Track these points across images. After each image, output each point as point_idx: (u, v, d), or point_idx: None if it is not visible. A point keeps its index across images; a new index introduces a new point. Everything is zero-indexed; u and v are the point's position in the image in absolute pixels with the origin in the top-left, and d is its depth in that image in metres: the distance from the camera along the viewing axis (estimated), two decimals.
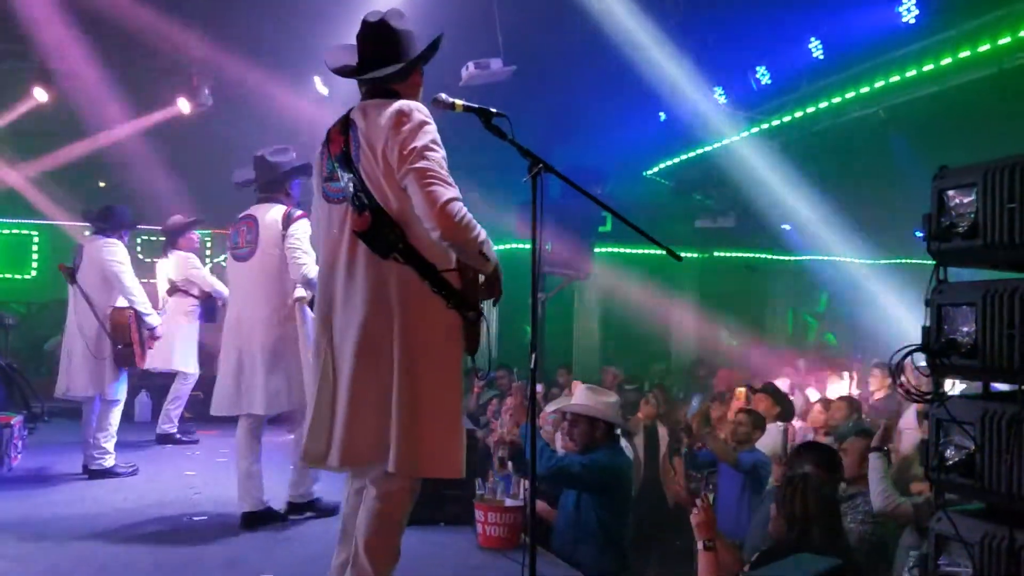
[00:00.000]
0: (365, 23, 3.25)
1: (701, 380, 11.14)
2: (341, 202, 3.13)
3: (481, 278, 3.15)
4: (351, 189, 3.05)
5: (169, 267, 8.03)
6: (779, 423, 6.31)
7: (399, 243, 2.98)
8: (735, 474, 5.44)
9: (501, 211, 9.32)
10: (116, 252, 6.45)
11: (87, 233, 6.72)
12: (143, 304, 6.47)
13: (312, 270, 4.70)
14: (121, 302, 6.44)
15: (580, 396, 4.97)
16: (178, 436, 7.85)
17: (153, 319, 6.58)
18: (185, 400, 8.01)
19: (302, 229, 4.85)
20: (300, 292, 4.93)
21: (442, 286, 3.02)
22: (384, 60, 3.20)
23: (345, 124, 3.17)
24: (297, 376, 4.91)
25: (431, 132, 3.03)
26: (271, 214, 4.99)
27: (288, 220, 4.92)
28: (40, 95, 9.59)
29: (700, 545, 3.58)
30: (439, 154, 3.01)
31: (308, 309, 4.79)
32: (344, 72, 3.30)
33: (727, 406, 7.06)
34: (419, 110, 3.06)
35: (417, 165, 2.93)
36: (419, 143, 2.97)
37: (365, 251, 3.03)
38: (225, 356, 5.06)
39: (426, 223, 2.94)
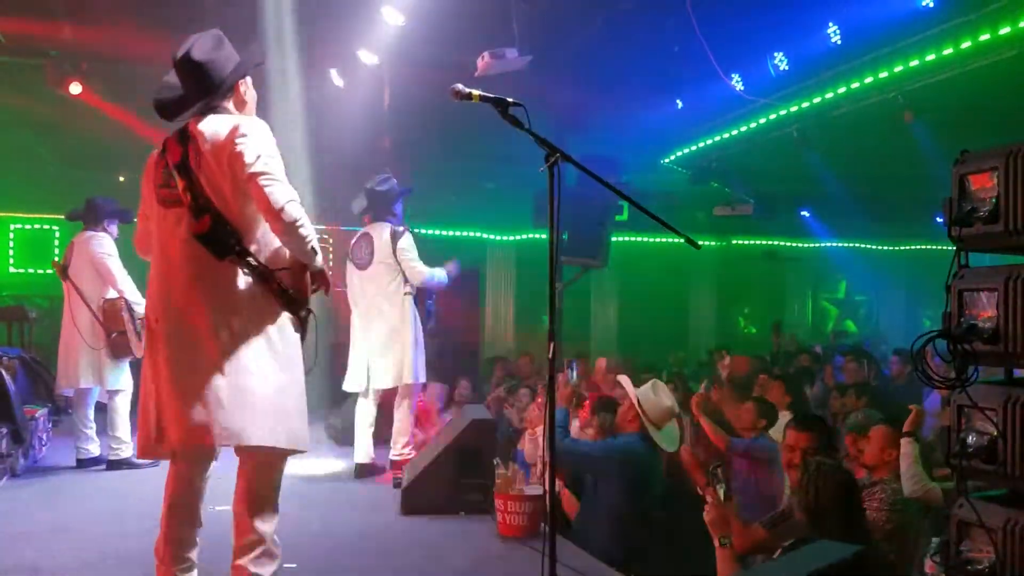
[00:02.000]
0: (173, 59, 3.41)
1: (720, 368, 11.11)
2: (174, 207, 3.34)
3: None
4: (187, 196, 3.27)
5: None
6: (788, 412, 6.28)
7: (236, 245, 3.26)
8: (740, 460, 5.46)
9: (517, 201, 9.31)
10: (103, 243, 6.50)
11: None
12: (132, 293, 6.46)
13: (424, 273, 6.10)
14: (112, 293, 6.47)
15: (645, 392, 4.94)
16: None
17: (142, 308, 6.60)
18: None
19: (409, 242, 6.16)
20: (406, 289, 6.17)
21: (277, 286, 3.33)
22: (203, 90, 3.39)
23: (183, 136, 3.35)
24: (408, 355, 6.10)
25: (269, 143, 3.30)
26: (384, 233, 6.18)
27: (395, 237, 6.14)
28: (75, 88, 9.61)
29: (716, 542, 3.57)
30: (278, 162, 3.29)
31: (414, 302, 6.21)
32: (166, 111, 3.47)
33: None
34: (255, 124, 3.32)
35: (258, 170, 3.20)
36: (259, 152, 3.23)
37: (202, 252, 3.25)
38: (354, 341, 6.32)
39: (268, 222, 3.26)
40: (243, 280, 3.29)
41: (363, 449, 6.33)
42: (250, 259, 3.28)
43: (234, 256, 3.26)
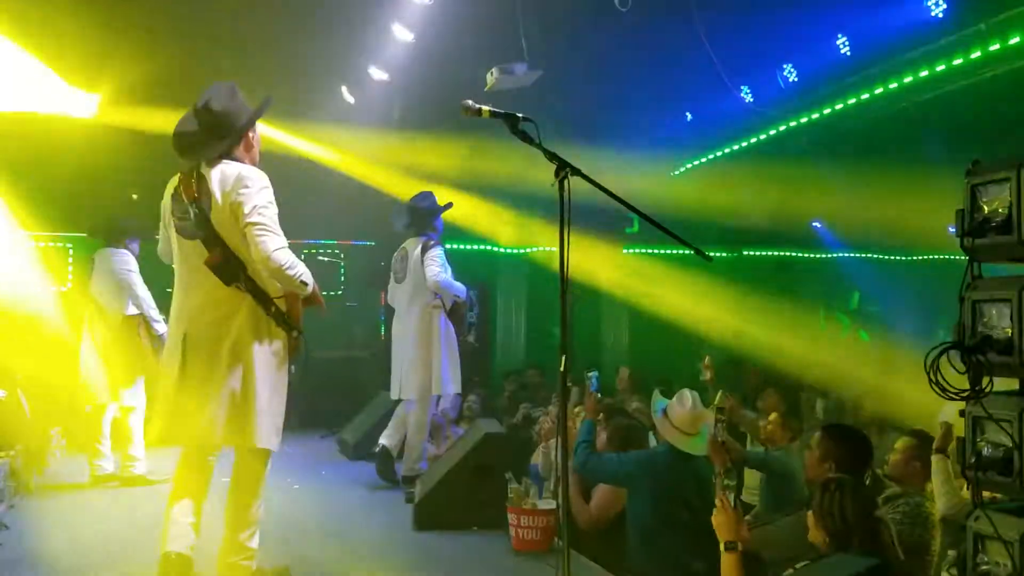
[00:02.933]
0: (194, 108, 3.87)
1: (732, 380, 11.06)
2: (192, 238, 3.82)
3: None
4: (200, 231, 3.77)
5: None
6: None
7: (241, 275, 3.77)
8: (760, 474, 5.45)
9: (527, 215, 9.32)
10: (126, 260, 6.62)
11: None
12: (152, 309, 6.55)
13: (439, 277, 6.25)
14: (132, 310, 6.53)
15: (672, 406, 4.83)
16: None
17: (161, 326, 6.68)
18: None
19: (437, 252, 6.38)
20: (435, 302, 6.42)
21: (273, 310, 3.85)
22: (218, 137, 3.85)
23: (198, 176, 3.81)
24: (436, 367, 6.35)
25: (267, 194, 3.77)
26: (417, 248, 6.46)
27: (425, 249, 6.41)
28: None
29: (721, 546, 3.54)
30: (272, 211, 3.75)
31: (444, 314, 6.45)
32: (183, 149, 3.91)
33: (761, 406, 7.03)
34: (257, 175, 3.80)
35: (253, 220, 3.68)
36: (256, 203, 3.70)
37: (214, 279, 3.77)
38: (394, 352, 6.62)
39: (258, 266, 3.74)
40: (247, 304, 3.80)
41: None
42: (252, 287, 3.79)
43: (239, 284, 3.78)
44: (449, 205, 6.82)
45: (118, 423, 6.58)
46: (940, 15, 6.75)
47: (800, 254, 15.97)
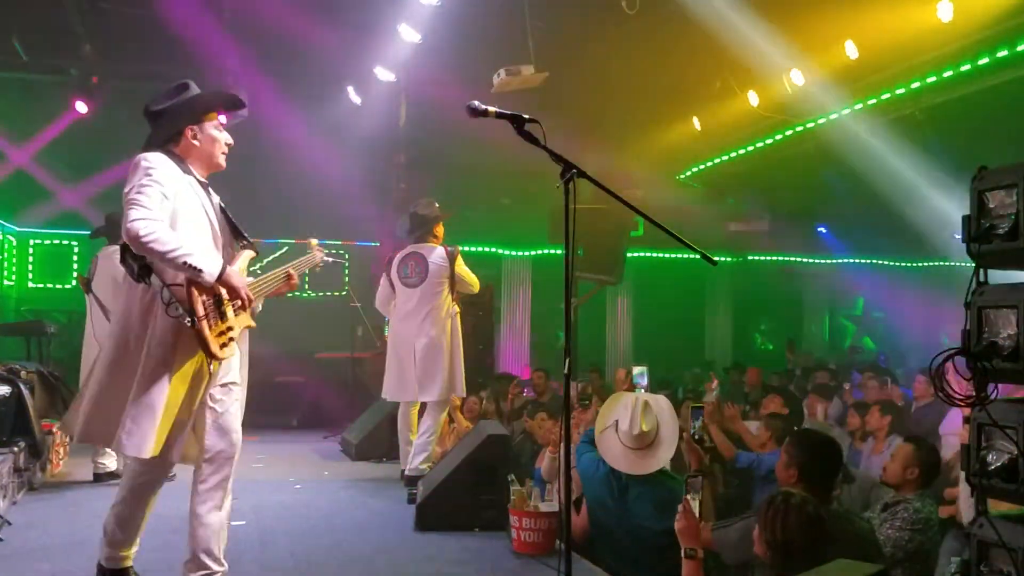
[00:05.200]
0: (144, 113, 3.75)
1: (735, 384, 11.06)
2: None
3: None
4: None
5: None
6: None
7: (138, 263, 3.47)
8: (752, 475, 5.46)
9: (533, 217, 9.33)
10: None
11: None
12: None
13: (477, 283, 6.65)
14: None
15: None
16: None
17: None
18: None
19: (462, 260, 6.55)
20: (456, 307, 6.57)
21: (167, 297, 3.46)
22: (159, 132, 3.70)
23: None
24: (457, 369, 6.43)
25: (150, 172, 3.44)
26: (436, 253, 6.52)
27: (452, 257, 6.53)
28: (81, 107, 9.75)
29: (683, 552, 3.48)
30: (151, 188, 3.41)
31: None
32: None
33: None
34: (146, 159, 3.50)
35: (128, 197, 3.40)
36: (134, 182, 3.42)
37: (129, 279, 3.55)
38: (396, 355, 6.56)
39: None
40: (142, 293, 3.52)
41: (407, 457, 6.46)
42: (147, 276, 3.49)
43: (141, 272, 3.49)
44: (450, 215, 6.92)
45: None
46: (948, 21, 6.73)
47: (804, 259, 15.93)
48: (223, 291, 3.57)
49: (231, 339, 3.60)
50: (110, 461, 6.53)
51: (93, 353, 6.46)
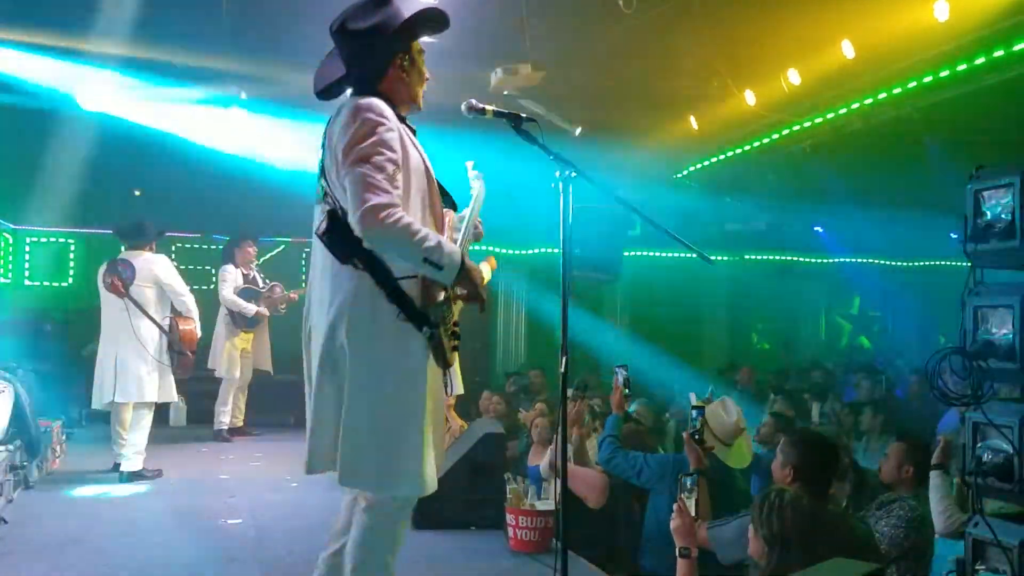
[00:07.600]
0: (330, 32, 2.98)
1: (732, 384, 11.04)
2: (319, 203, 2.91)
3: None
4: (320, 191, 2.89)
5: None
6: None
7: (358, 247, 2.75)
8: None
9: (529, 216, 9.32)
10: (170, 265, 6.86)
11: (124, 247, 6.89)
12: (195, 312, 6.81)
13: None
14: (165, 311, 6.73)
15: (714, 410, 4.75)
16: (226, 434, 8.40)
17: (197, 328, 6.91)
18: (229, 401, 8.46)
19: None
20: None
21: (397, 296, 2.77)
22: (360, 62, 2.97)
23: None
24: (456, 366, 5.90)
25: (380, 133, 2.75)
26: None
27: None
28: None
29: (677, 551, 3.49)
30: (383, 157, 2.72)
31: None
32: (324, 94, 3.07)
33: None
34: (372, 109, 2.79)
35: (354, 168, 2.70)
36: (363, 143, 2.72)
37: (327, 255, 2.85)
38: None
39: (353, 227, 2.70)
40: (361, 288, 2.80)
41: None
42: (372, 265, 2.78)
43: (357, 260, 2.78)
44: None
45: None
46: (944, 20, 6.73)
47: (801, 259, 15.93)
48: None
49: (458, 340, 3.03)
50: (140, 460, 6.53)
51: (131, 356, 6.52)
